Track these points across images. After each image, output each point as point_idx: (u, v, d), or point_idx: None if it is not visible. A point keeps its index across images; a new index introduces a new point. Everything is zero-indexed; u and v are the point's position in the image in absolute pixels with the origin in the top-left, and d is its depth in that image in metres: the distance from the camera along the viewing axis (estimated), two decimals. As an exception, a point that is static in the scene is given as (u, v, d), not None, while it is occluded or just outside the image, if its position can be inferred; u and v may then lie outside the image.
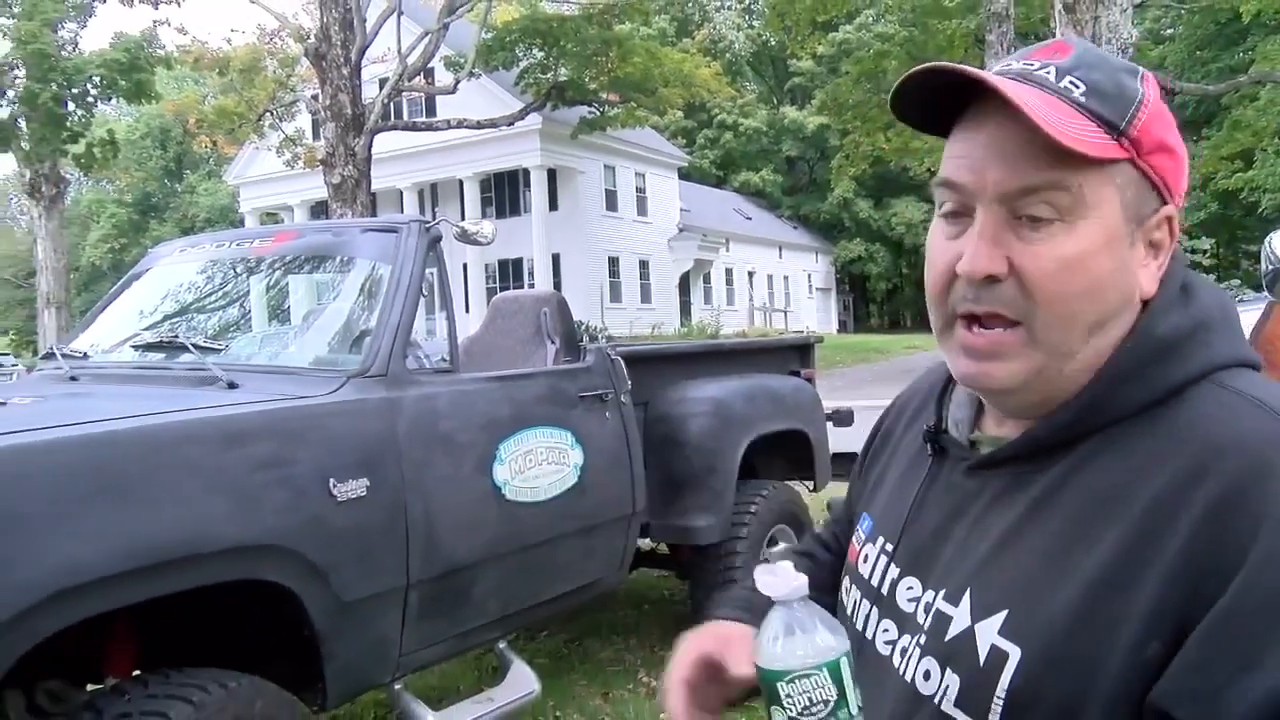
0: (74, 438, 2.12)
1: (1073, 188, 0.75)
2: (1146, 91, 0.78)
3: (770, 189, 44.09)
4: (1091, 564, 0.71)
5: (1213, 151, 20.93)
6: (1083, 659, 0.70)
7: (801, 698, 0.73)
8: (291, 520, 2.38)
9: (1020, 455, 0.81)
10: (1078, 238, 0.75)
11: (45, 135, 18.54)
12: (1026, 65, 0.80)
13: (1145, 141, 0.77)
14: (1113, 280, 0.77)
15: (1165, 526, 0.69)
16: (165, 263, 3.62)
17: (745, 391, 4.30)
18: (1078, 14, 8.47)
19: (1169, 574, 0.67)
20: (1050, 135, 0.72)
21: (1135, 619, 0.68)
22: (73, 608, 1.98)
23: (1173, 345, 0.77)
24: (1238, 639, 0.64)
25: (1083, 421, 0.77)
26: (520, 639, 4.47)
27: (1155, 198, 0.79)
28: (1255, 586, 0.64)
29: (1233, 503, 0.67)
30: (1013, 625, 0.74)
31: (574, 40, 19.54)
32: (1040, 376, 0.78)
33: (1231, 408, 0.73)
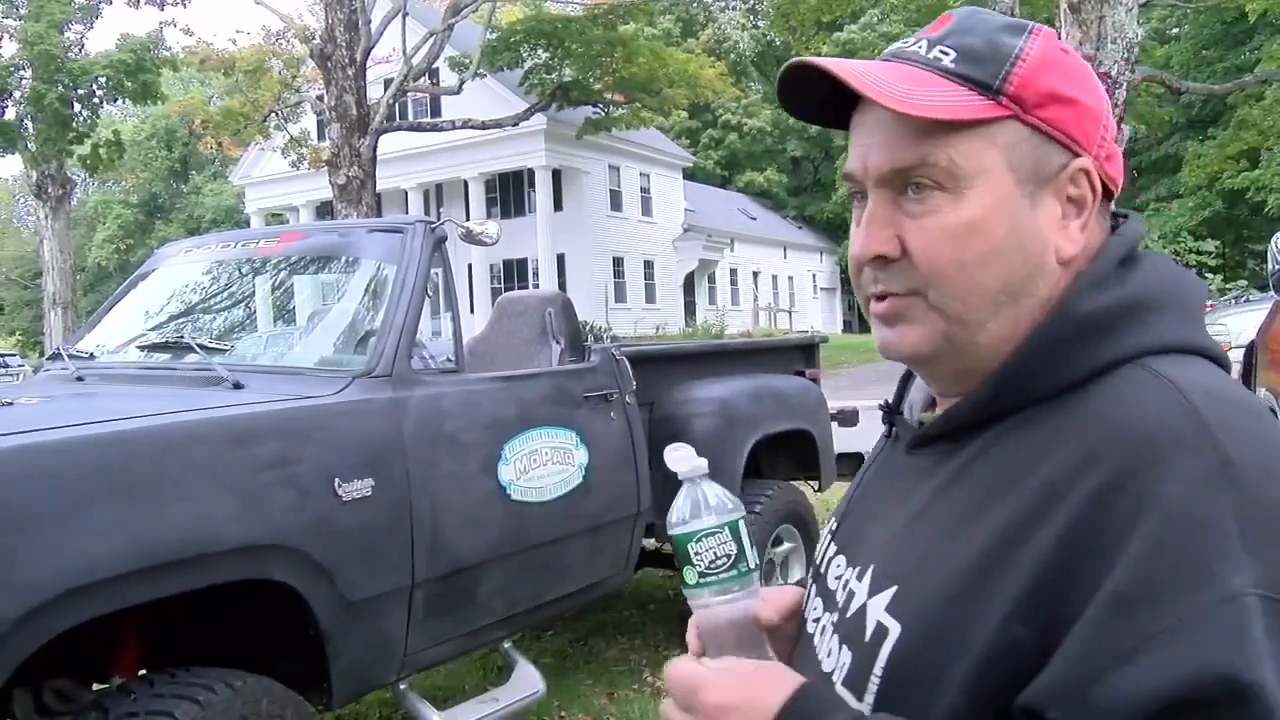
0: (81, 438, 2.12)
1: (942, 160, 0.73)
2: (1027, 45, 0.75)
3: (775, 189, 44.05)
4: (976, 542, 0.69)
5: (1218, 151, 20.89)
6: (950, 638, 0.67)
7: (708, 554, 0.83)
8: (297, 520, 2.38)
9: (945, 433, 0.79)
10: (962, 207, 0.74)
11: (51, 136, 18.61)
12: (903, 45, 0.79)
13: (1029, 95, 0.74)
14: (1009, 245, 0.74)
15: (1051, 508, 0.65)
16: (171, 263, 3.62)
17: (750, 391, 4.30)
18: (1083, 14, 8.46)
19: (1045, 558, 0.64)
20: (891, 107, 0.72)
21: (1005, 600, 0.65)
22: (81, 607, 1.98)
23: (1098, 324, 0.72)
24: (1113, 633, 0.60)
25: (999, 400, 0.74)
26: (525, 639, 4.47)
27: (1060, 152, 0.75)
28: (1132, 581, 0.60)
29: (1120, 487, 0.63)
30: (898, 601, 0.73)
31: (579, 41, 19.55)
32: (951, 345, 0.76)
33: (1144, 391, 0.68)
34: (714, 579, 0.83)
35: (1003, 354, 0.75)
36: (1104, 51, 8.82)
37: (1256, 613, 0.58)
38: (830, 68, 0.74)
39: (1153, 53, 22.85)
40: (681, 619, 3.36)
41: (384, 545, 2.61)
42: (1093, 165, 0.75)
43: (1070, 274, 0.75)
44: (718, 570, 0.83)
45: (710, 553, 0.83)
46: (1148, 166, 30.67)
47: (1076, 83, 0.76)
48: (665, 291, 32.79)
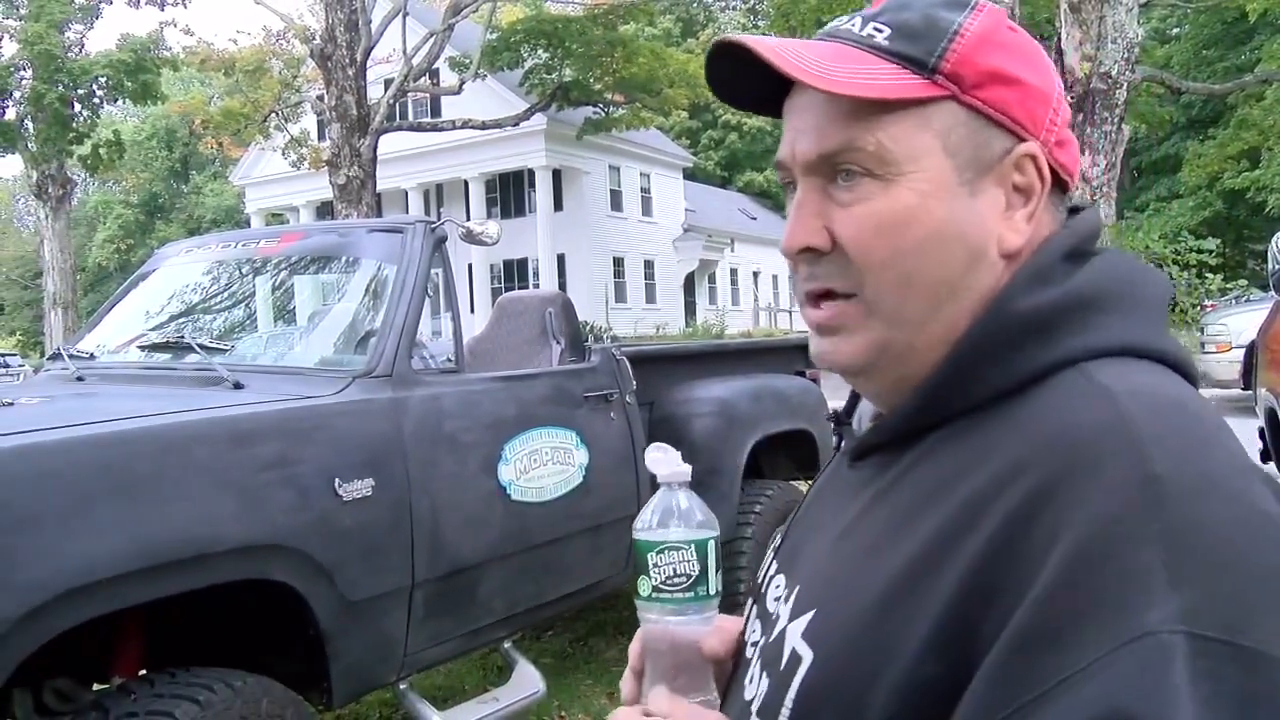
0: (81, 438, 2.12)
1: (869, 144, 0.67)
2: (967, 20, 0.68)
3: (775, 189, 44.02)
4: (895, 563, 0.62)
5: (1219, 150, 20.90)
6: (862, 672, 0.60)
7: (667, 568, 0.77)
8: (297, 520, 2.38)
9: (880, 445, 0.73)
10: (894, 194, 0.68)
11: (51, 136, 18.62)
12: (838, 23, 0.73)
13: (967, 74, 0.67)
14: (947, 236, 0.67)
15: (970, 530, 0.58)
16: (171, 263, 3.63)
17: (750, 391, 4.30)
18: (1083, 13, 8.46)
19: (961, 584, 0.57)
20: (811, 84, 0.66)
21: (919, 633, 0.58)
22: (81, 607, 1.98)
23: (1035, 325, 0.65)
24: (1021, 675, 0.52)
25: (930, 409, 0.68)
26: (526, 639, 4.47)
27: (1003, 136, 0.68)
28: (1043, 611, 0.53)
29: (1037, 508, 0.56)
30: (814, 627, 0.67)
31: (579, 41, 19.55)
32: (888, 352, 0.70)
33: (1076, 399, 0.61)
34: (667, 597, 0.77)
35: (938, 358, 0.69)
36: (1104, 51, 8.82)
37: (1179, 653, 0.49)
38: (751, 44, 0.68)
39: (1153, 53, 22.86)
40: (682, 619, 3.26)
41: (384, 545, 2.61)
42: (1040, 151, 0.69)
43: (1014, 271, 0.69)
44: (673, 589, 0.77)
45: (670, 568, 0.77)
46: (1148, 167, 30.68)
47: (1022, 61, 0.69)
48: (665, 291, 32.79)
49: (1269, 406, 5.30)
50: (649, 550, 0.78)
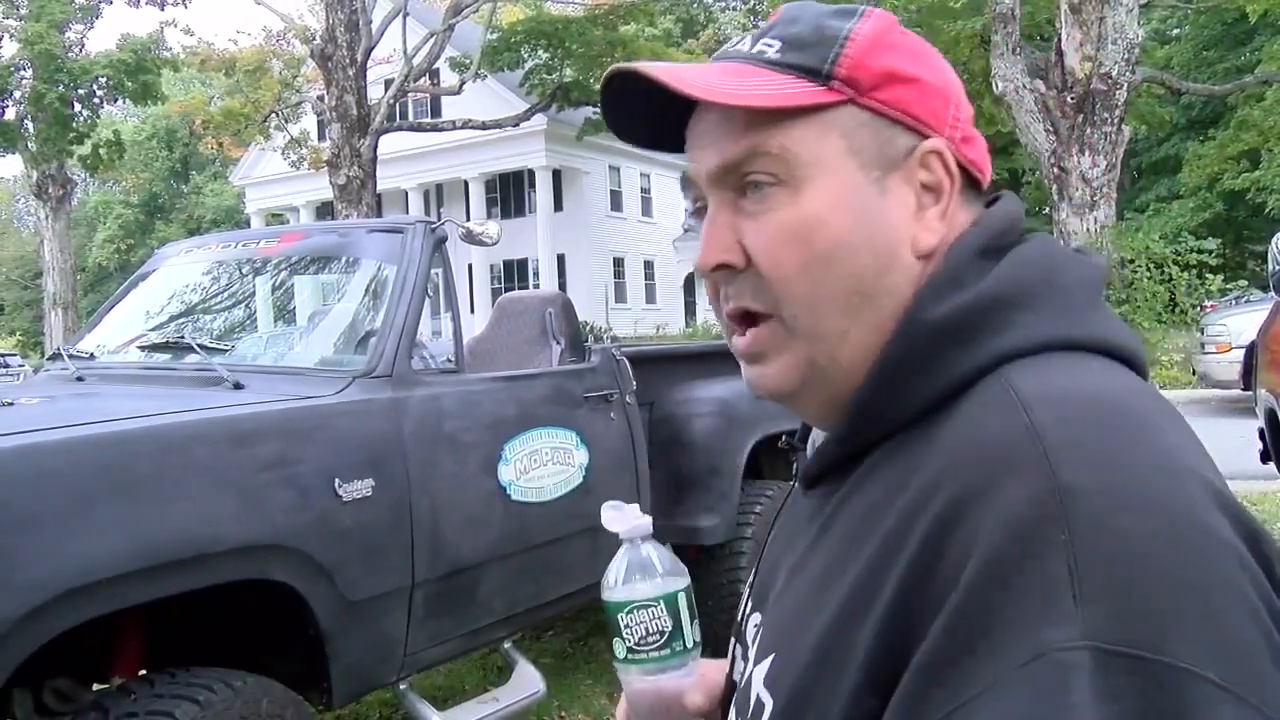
0: (81, 438, 2.12)
1: (774, 149, 0.66)
2: (856, 26, 0.68)
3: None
4: (836, 601, 0.59)
5: (1219, 151, 20.91)
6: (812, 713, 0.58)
7: (639, 628, 0.75)
8: (297, 520, 2.38)
9: (823, 472, 0.71)
10: (802, 199, 0.66)
11: (51, 136, 18.64)
12: (728, 45, 0.74)
13: (863, 77, 0.67)
14: (857, 238, 0.66)
15: (891, 560, 0.56)
16: (171, 263, 3.63)
17: (750, 392, 4.30)
18: (1083, 14, 8.47)
19: (888, 611, 0.55)
20: (708, 99, 0.66)
21: (856, 669, 0.56)
22: (81, 607, 1.98)
23: (950, 332, 0.62)
24: (923, 703, 0.50)
25: (860, 431, 0.66)
26: (526, 639, 4.47)
27: (906, 134, 0.67)
28: (947, 642, 0.50)
29: (950, 525, 0.53)
30: (773, 673, 0.64)
31: (579, 41, 19.57)
32: (816, 371, 0.68)
33: (993, 407, 0.58)
34: (643, 657, 0.76)
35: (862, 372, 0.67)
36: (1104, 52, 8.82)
37: (1082, 670, 0.46)
38: (648, 71, 0.67)
39: (1153, 53, 22.87)
40: (681, 619, 3.25)
41: (384, 545, 2.61)
42: (945, 147, 0.68)
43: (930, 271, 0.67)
44: (647, 648, 0.76)
45: (641, 627, 0.76)
46: (1148, 167, 30.68)
47: (917, 61, 0.69)
48: (665, 292, 32.80)
49: (1269, 407, 5.30)
50: (618, 610, 0.76)
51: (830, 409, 0.69)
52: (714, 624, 4.12)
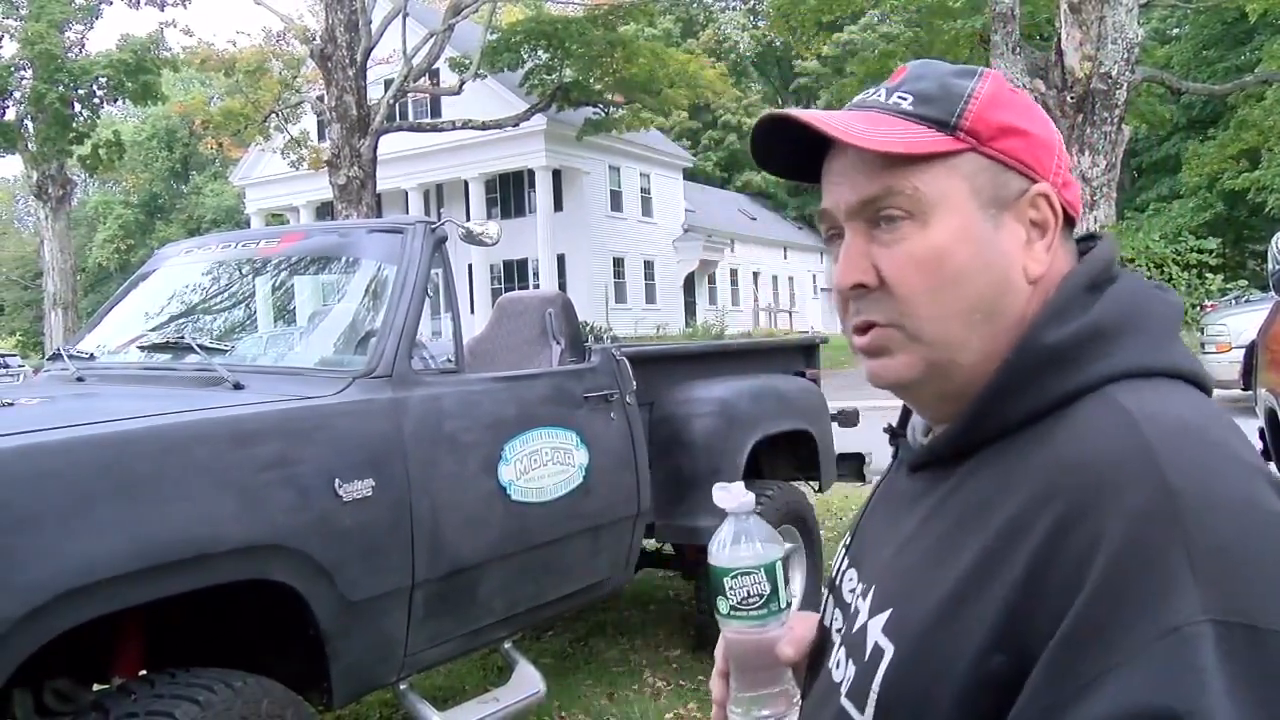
0: (81, 438, 2.12)
1: (907, 189, 0.78)
2: (978, 86, 0.81)
3: (774, 189, 44.07)
4: (955, 573, 0.72)
5: (1219, 150, 20.88)
6: (937, 664, 0.70)
7: (741, 590, 0.88)
8: (297, 520, 2.38)
9: (932, 460, 0.83)
10: (930, 232, 0.78)
11: (51, 136, 18.62)
12: (864, 96, 0.86)
13: (983, 129, 0.79)
14: (976, 266, 0.78)
15: (1015, 545, 0.68)
16: (172, 264, 3.62)
17: (750, 392, 4.30)
18: (1083, 14, 8.46)
19: (1015, 588, 0.66)
20: (860, 145, 0.78)
21: (983, 629, 0.67)
22: (81, 607, 1.98)
23: (1060, 354, 0.74)
24: (1065, 676, 0.62)
25: (971, 433, 0.78)
26: (526, 639, 4.47)
27: (1018, 179, 0.80)
28: (1084, 621, 0.62)
29: (1073, 524, 0.65)
30: (892, 624, 0.76)
31: (579, 41, 19.55)
32: (936, 369, 0.80)
33: (1101, 422, 0.70)
34: (744, 615, 0.88)
35: (985, 376, 0.78)
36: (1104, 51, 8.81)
37: (1206, 640, 0.58)
38: (802, 117, 0.80)
39: (1153, 53, 22.84)
40: (682, 620, 3.39)
41: (384, 545, 2.61)
42: (1051, 190, 0.80)
43: (1041, 295, 0.79)
44: (748, 607, 0.88)
45: (744, 590, 0.88)
46: (1148, 167, 30.68)
47: (1026, 117, 0.81)
48: (665, 292, 32.79)
49: (1269, 406, 5.30)
50: (724, 575, 0.89)
51: (944, 403, 0.82)
52: (714, 623, 4.14)
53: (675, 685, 3.99)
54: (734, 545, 0.90)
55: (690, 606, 4.63)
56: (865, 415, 5.58)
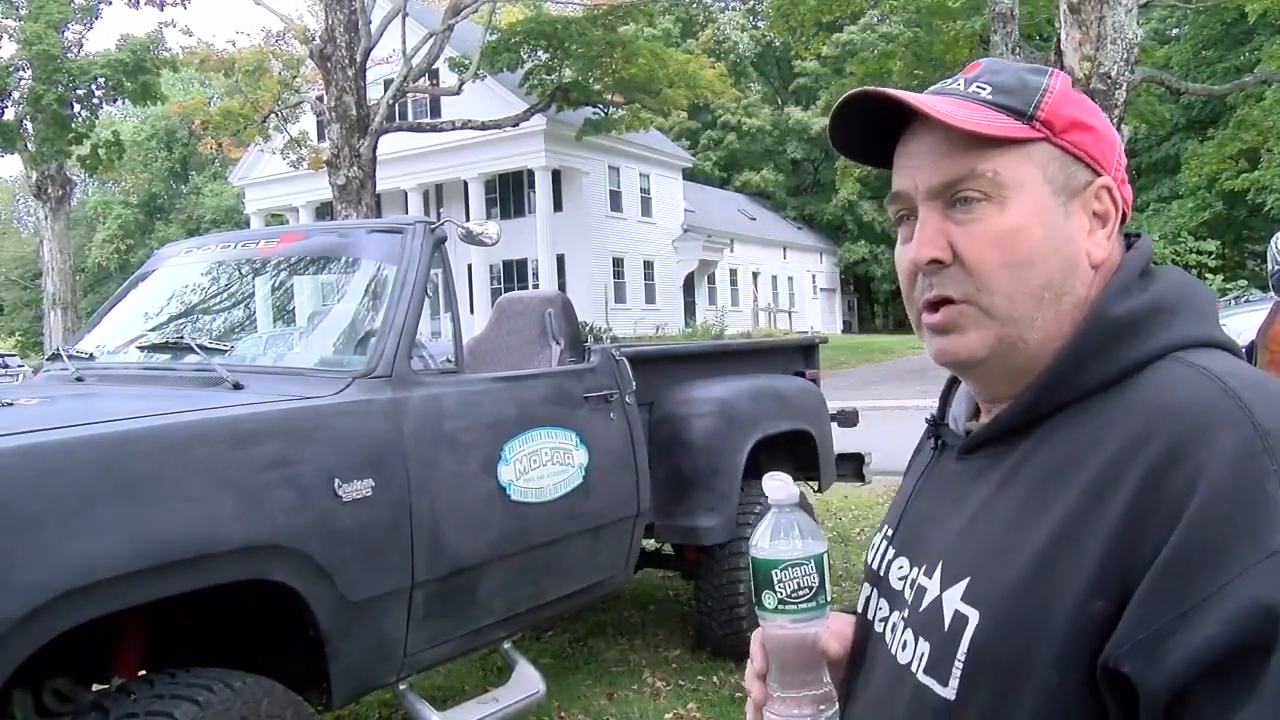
0: (81, 438, 2.12)
1: (988, 172, 0.83)
2: (1052, 82, 0.86)
3: (772, 189, 44.06)
4: (1044, 529, 0.75)
5: (1218, 150, 20.88)
6: (1033, 620, 0.73)
7: (790, 583, 0.88)
8: (297, 521, 2.38)
9: (995, 436, 0.86)
10: (1007, 214, 0.83)
11: (49, 136, 18.60)
12: (942, 85, 0.90)
13: (1056, 121, 0.84)
14: (1048, 248, 0.83)
15: (1111, 489, 0.72)
16: (171, 264, 3.62)
17: (750, 392, 4.30)
18: (1083, 14, 8.47)
19: (1112, 534, 0.70)
20: (953, 124, 0.82)
21: (1081, 579, 0.70)
22: (81, 608, 1.98)
23: (1128, 326, 0.80)
24: (1175, 592, 0.66)
25: (1044, 401, 0.82)
26: (525, 639, 4.47)
27: (1085, 170, 0.85)
28: (1190, 540, 0.66)
29: (1171, 463, 0.69)
30: (973, 591, 0.78)
31: (578, 42, 19.54)
32: (1004, 345, 0.84)
33: (1182, 378, 0.75)
34: (793, 609, 0.88)
35: (1048, 353, 0.83)
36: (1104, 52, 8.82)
37: None
38: (895, 94, 0.84)
39: (1153, 53, 22.83)
40: (681, 620, 3.38)
41: (384, 545, 2.61)
42: (1114, 184, 0.86)
43: (1100, 280, 0.84)
44: (798, 600, 0.88)
45: (794, 582, 0.88)
46: (1148, 167, 30.68)
47: (1093, 115, 0.86)
48: (665, 292, 32.79)
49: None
50: (772, 568, 0.89)
51: (1009, 380, 0.85)
52: (713, 623, 4.15)
53: (675, 685, 3.99)
54: (779, 537, 0.90)
55: (690, 606, 4.63)
56: (864, 415, 5.59)
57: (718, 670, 4.10)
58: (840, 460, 5.00)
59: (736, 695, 3.83)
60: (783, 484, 0.94)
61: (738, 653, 4.08)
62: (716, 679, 4.02)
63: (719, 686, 3.95)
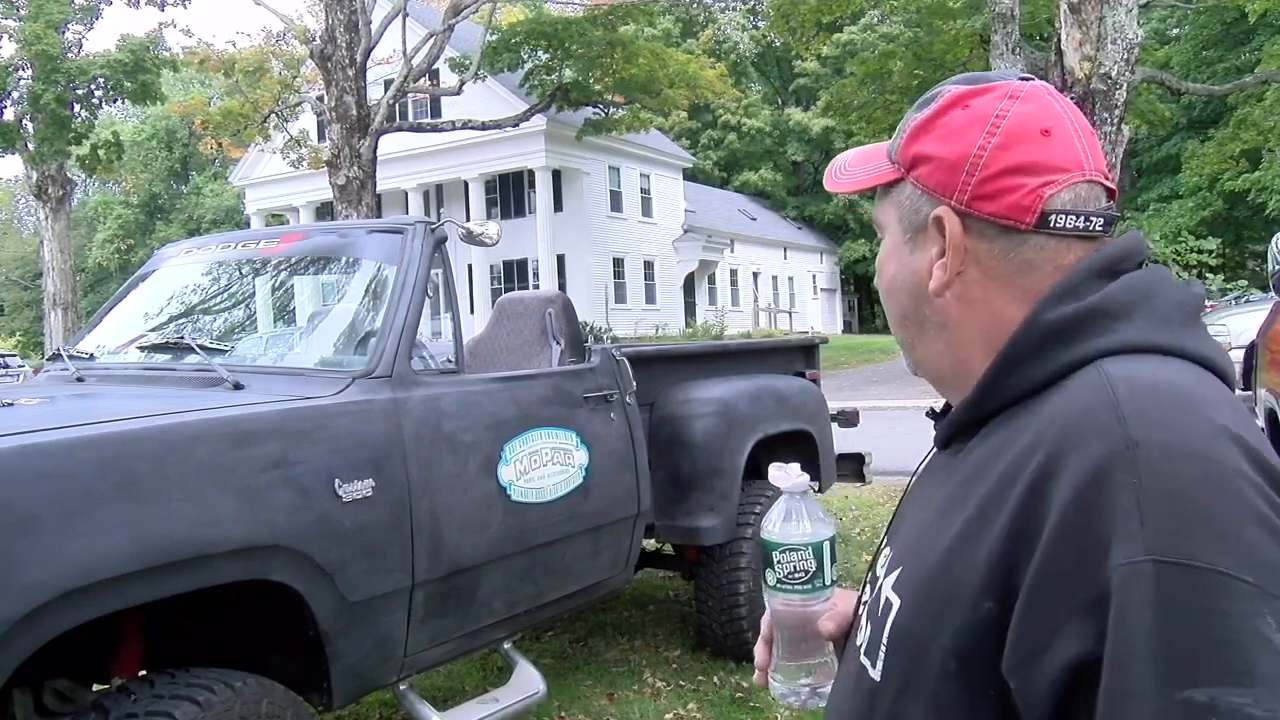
0: (81, 438, 2.12)
1: (876, 215, 0.94)
2: (918, 115, 0.89)
3: (771, 189, 44.04)
4: (958, 524, 0.78)
5: (1218, 150, 20.88)
6: (936, 610, 0.76)
7: (788, 565, 0.95)
8: (297, 521, 2.38)
9: (953, 433, 0.89)
10: (881, 250, 0.93)
11: (48, 136, 18.59)
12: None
13: (903, 160, 0.89)
14: (896, 282, 0.91)
15: (1005, 495, 0.74)
16: (171, 264, 3.62)
17: (750, 392, 4.30)
18: (1083, 14, 8.46)
19: (1001, 538, 0.72)
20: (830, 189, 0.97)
21: (975, 578, 0.73)
22: (81, 608, 1.98)
23: (1057, 331, 0.79)
24: (1039, 613, 0.68)
25: (982, 403, 0.84)
26: (525, 639, 4.47)
27: (929, 202, 0.87)
28: (1049, 560, 0.68)
29: (1047, 474, 0.71)
30: (900, 579, 0.83)
31: (579, 42, 19.55)
32: (913, 363, 0.95)
33: (1087, 385, 0.75)
34: (789, 588, 0.95)
35: (952, 367, 0.89)
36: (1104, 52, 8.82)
37: (1148, 576, 0.63)
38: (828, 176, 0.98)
39: (1153, 53, 22.84)
40: (682, 620, 3.39)
41: (384, 546, 2.61)
42: (947, 212, 0.85)
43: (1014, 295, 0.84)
44: (794, 582, 0.95)
45: (791, 565, 0.95)
46: (1148, 167, 30.68)
47: (941, 138, 0.86)
48: (665, 292, 32.79)
49: (1269, 407, 5.30)
50: (773, 549, 0.96)
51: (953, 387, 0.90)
52: (713, 623, 4.15)
53: (675, 685, 3.99)
54: (785, 522, 0.96)
55: (690, 606, 4.63)
56: (864, 415, 5.58)
57: (718, 670, 4.10)
58: (841, 460, 5.00)
59: (736, 695, 3.83)
60: (789, 473, 0.98)
61: (738, 653, 4.08)
62: (716, 679, 4.02)
63: (719, 686, 3.95)
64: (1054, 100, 0.86)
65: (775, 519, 0.97)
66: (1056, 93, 0.88)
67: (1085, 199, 0.84)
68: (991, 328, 0.85)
